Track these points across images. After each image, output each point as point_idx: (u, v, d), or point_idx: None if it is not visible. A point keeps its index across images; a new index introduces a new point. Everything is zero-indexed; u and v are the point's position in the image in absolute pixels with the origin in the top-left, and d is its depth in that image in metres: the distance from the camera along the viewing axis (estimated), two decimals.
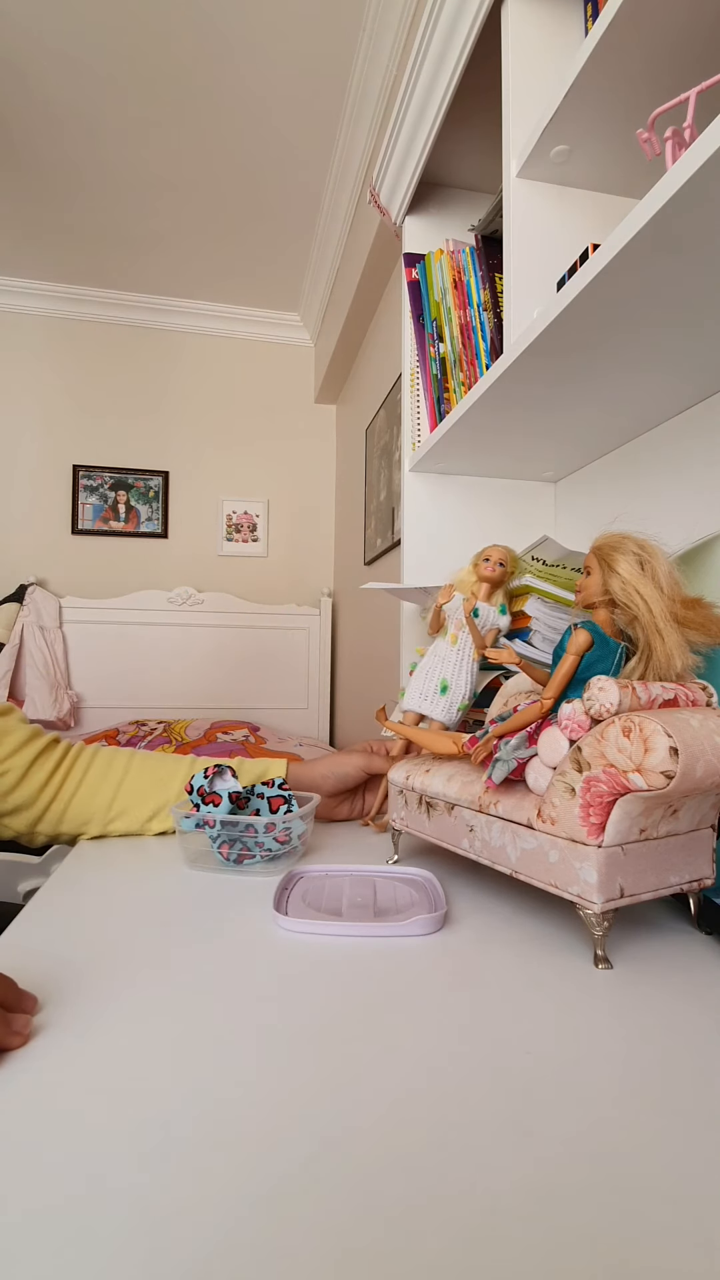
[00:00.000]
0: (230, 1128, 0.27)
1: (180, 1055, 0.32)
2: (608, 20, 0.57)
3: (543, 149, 0.70)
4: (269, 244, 2.72)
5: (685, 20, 0.56)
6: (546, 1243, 0.22)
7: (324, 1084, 0.30)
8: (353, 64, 1.92)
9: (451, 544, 1.06)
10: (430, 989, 0.39)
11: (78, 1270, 0.21)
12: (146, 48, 1.86)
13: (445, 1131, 0.27)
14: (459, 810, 0.53)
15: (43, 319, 3.06)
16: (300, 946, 0.45)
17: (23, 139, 2.18)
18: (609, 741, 0.40)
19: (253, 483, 3.24)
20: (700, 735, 0.39)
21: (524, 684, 0.63)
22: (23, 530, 3.00)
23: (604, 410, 0.80)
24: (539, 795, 0.46)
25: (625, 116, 0.66)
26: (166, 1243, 0.22)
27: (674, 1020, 0.36)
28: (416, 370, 1.05)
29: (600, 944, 0.42)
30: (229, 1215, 0.23)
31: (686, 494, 0.79)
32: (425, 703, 0.67)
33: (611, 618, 0.48)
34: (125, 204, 2.49)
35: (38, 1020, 0.35)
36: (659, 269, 0.53)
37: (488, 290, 0.89)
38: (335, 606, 3.20)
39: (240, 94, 2.01)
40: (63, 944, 0.45)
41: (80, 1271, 0.21)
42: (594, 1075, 0.31)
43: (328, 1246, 0.22)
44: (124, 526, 3.07)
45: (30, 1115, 0.28)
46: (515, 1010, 0.37)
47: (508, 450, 0.95)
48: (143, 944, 0.45)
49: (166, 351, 3.17)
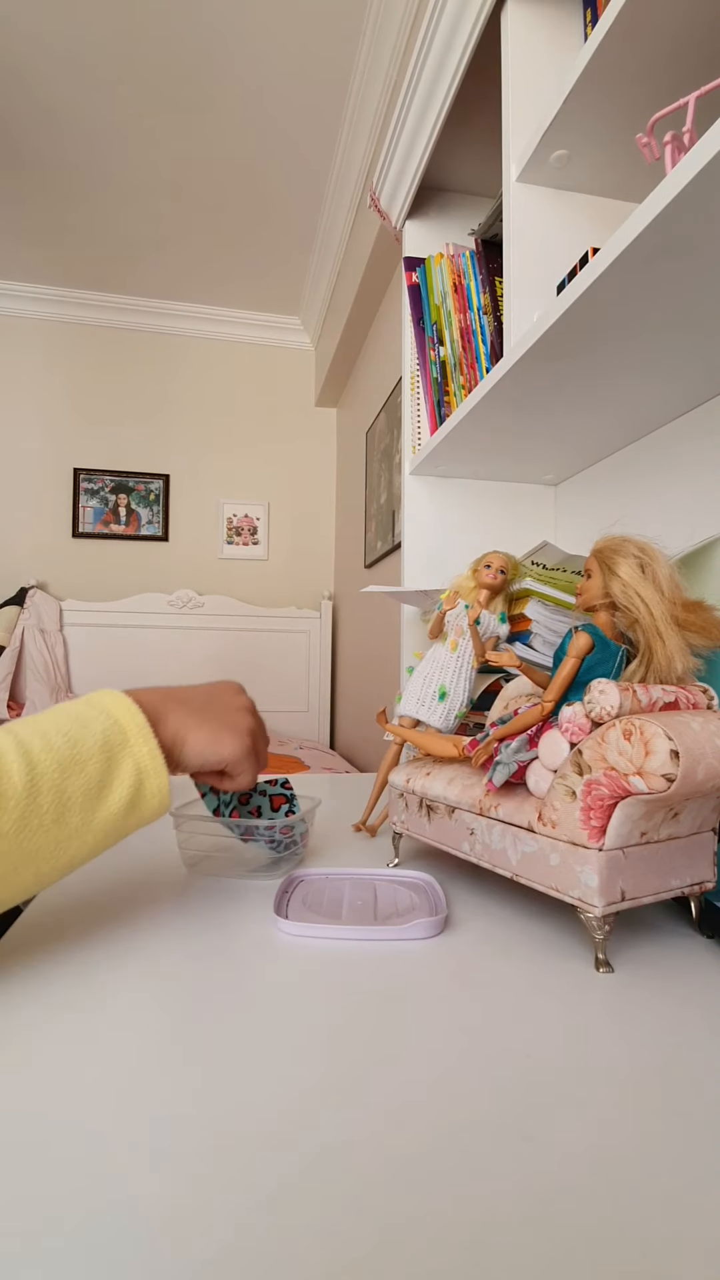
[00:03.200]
0: (230, 1132, 0.27)
1: (180, 1059, 0.32)
2: (607, 25, 0.57)
3: (543, 153, 0.70)
4: (270, 248, 2.72)
5: (684, 25, 0.57)
6: (548, 1248, 0.22)
7: (324, 1088, 0.30)
8: (353, 69, 1.93)
9: (452, 547, 1.06)
10: (431, 992, 0.39)
11: (77, 1272, 0.21)
12: (149, 54, 1.87)
13: (446, 1135, 0.27)
14: (459, 813, 0.53)
15: (44, 323, 3.07)
16: (301, 950, 0.44)
17: (25, 143, 2.19)
18: (610, 744, 0.40)
19: (253, 486, 3.25)
20: (701, 738, 0.39)
21: (524, 687, 0.63)
22: (23, 533, 3.00)
23: (604, 413, 0.80)
24: (540, 798, 0.46)
25: (625, 121, 0.66)
26: (168, 1247, 0.22)
27: (675, 1024, 0.36)
28: (417, 373, 1.05)
29: (601, 947, 0.42)
30: (229, 1221, 0.23)
31: (687, 497, 0.79)
32: (423, 708, 0.67)
33: (612, 620, 0.48)
34: (127, 208, 2.50)
35: (37, 1019, 0.35)
36: (659, 273, 0.53)
37: (488, 294, 0.89)
38: (335, 609, 3.20)
39: (242, 98, 2.02)
40: (63, 946, 0.45)
41: (80, 1274, 0.21)
42: (595, 1079, 0.31)
43: (329, 1252, 0.22)
44: (124, 529, 3.07)
45: (31, 1118, 0.28)
46: (516, 1014, 0.37)
47: (508, 453, 0.95)
48: (143, 947, 0.45)
49: (167, 355, 3.18)
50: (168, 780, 0.46)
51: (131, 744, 0.45)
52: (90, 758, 0.43)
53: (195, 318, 3.16)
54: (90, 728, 0.44)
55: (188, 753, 0.49)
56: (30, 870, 0.40)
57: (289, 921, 0.47)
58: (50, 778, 0.40)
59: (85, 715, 0.44)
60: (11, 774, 0.38)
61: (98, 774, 0.43)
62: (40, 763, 0.40)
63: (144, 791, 0.45)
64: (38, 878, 0.40)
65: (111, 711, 0.45)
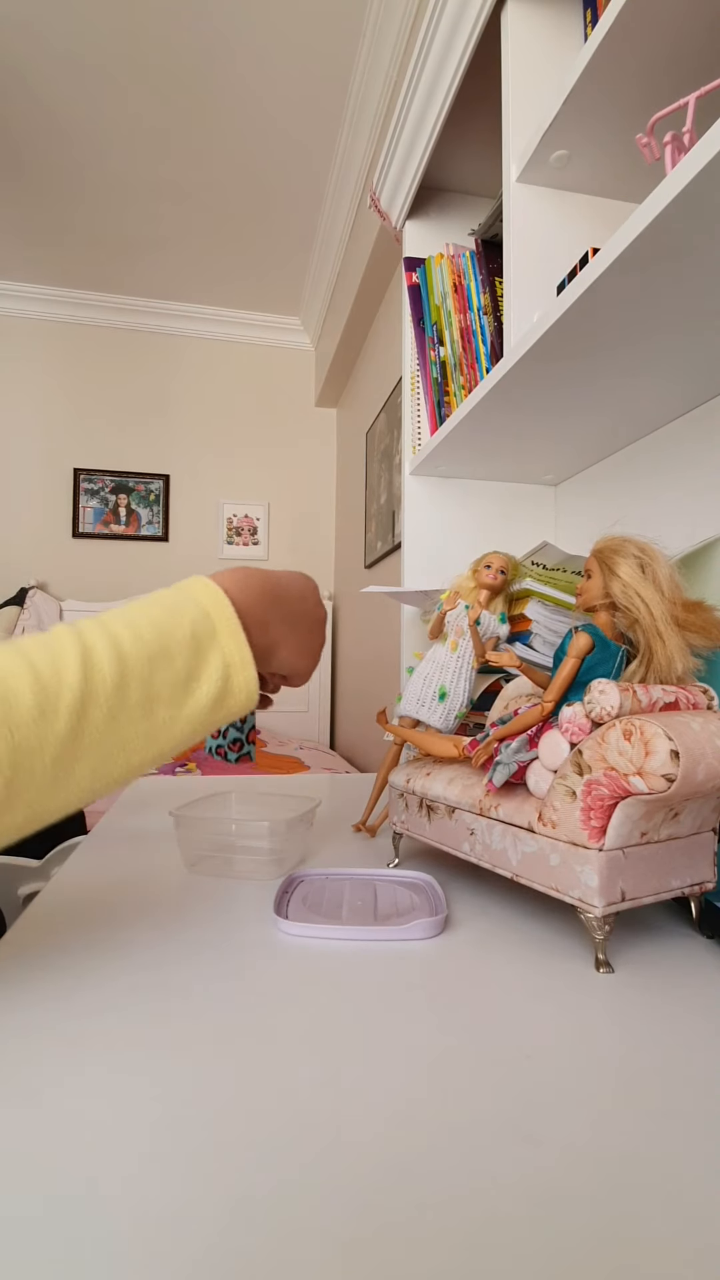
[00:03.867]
0: (229, 1131, 0.27)
1: (180, 1058, 0.32)
2: (607, 25, 0.57)
3: (543, 154, 0.70)
4: (270, 248, 2.72)
5: (684, 25, 0.57)
6: (548, 1247, 0.22)
7: (324, 1088, 0.30)
8: (353, 69, 1.93)
9: (452, 547, 1.06)
10: (431, 992, 0.39)
11: (77, 1273, 0.21)
12: (150, 54, 1.87)
13: (446, 1135, 0.27)
14: (460, 813, 0.53)
15: (44, 323, 3.07)
16: (301, 950, 0.44)
17: (25, 142, 2.19)
18: (610, 745, 0.40)
19: (253, 486, 3.25)
20: (701, 738, 0.39)
21: (525, 687, 0.63)
22: (23, 534, 3.00)
23: (604, 414, 0.80)
24: (540, 798, 0.46)
25: (625, 121, 0.66)
26: (166, 1246, 0.22)
27: (675, 1024, 0.36)
28: (417, 374, 1.05)
29: (601, 947, 0.42)
30: (228, 1220, 0.23)
31: (687, 497, 0.79)
32: (423, 709, 0.67)
33: (612, 621, 0.48)
34: (127, 208, 2.50)
35: (37, 1020, 0.35)
36: (659, 273, 0.53)
37: (488, 294, 0.89)
38: (336, 609, 3.20)
39: (243, 98, 2.02)
40: (63, 946, 0.45)
41: (79, 1274, 0.21)
42: (595, 1079, 0.31)
43: (328, 1251, 0.22)
44: (125, 530, 3.07)
45: (29, 1118, 0.28)
46: (516, 1014, 0.37)
47: (508, 453, 0.95)
48: (143, 947, 0.45)
49: (167, 355, 3.18)
50: (255, 674, 0.45)
51: (220, 637, 0.44)
52: (179, 651, 0.42)
53: (195, 318, 3.16)
54: (180, 617, 0.43)
55: (276, 661, 0.50)
56: (120, 760, 0.40)
57: (289, 921, 0.47)
58: (139, 672, 0.40)
59: (176, 604, 0.44)
60: (102, 667, 0.39)
61: (185, 667, 0.42)
62: (130, 656, 0.40)
63: (231, 686, 0.44)
64: (128, 769, 0.41)
65: (201, 602, 0.45)
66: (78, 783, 0.39)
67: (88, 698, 0.38)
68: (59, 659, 0.38)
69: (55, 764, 0.37)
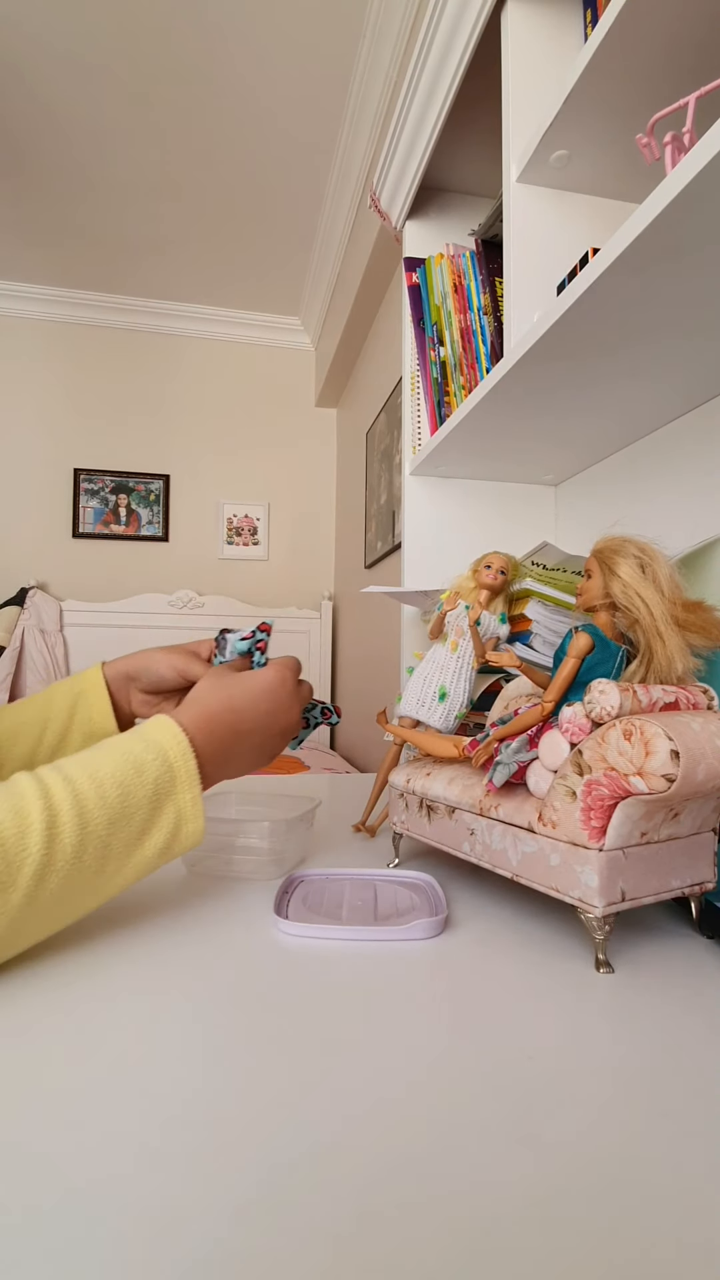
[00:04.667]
0: (228, 1131, 0.27)
1: (179, 1058, 0.32)
2: (607, 26, 0.57)
3: (543, 154, 0.70)
4: (270, 248, 2.72)
5: (684, 25, 0.57)
6: (548, 1247, 0.22)
7: (324, 1087, 0.30)
8: (354, 69, 1.93)
9: (452, 547, 1.06)
10: (431, 993, 0.39)
11: (75, 1272, 0.21)
12: (150, 54, 1.87)
13: (445, 1136, 0.27)
14: (460, 814, 0.53)
15: (44, 323, 3.07)
16: (300, 950, 0.44)
17: (26, 142, 2.19)
18: (610, 745, 0.40)
19: (253, 486, 3.25)
20: (701, 738, 0.39)
21: (525, 687, 0.63)
22: (23, 533, 3.00)
23: (604, 414, 0.80)
24: (540, 798, 0.46)
25: (625, 121, 0.66)
26: (164, 1244, 0.22)
27: (675, 1024, 0.36)
28: (417, 374, 1.05)
29: (601, 948, 0.42)
30: (226, 1219, 0.23)
31: (687, 497, 0.79)
32: (423, 709, 0.67)
33: (612, 621, 0.48)
34: (127, 208, 2.50)
35: (36, 1020, 0.35)
36: (659, 273, 0.53)
37: (488, 294, 0.89)
38: (336, 609, 3.20)
39: (243, 97, 2.02)
40: (63, 945, 0.44)
41: (78, 1273, 0.21)
42: (595, 1079, 0.31)
43: (325, 1251, 0.22)
44: (125, 530, 3.07)
45: (28, 1117, 0.28)
46: (516, 1014, 0.37)
47: (508, 454, 0.95)
48: (142, 947, 0.45)
49: (167, 355, 3.18)
50: (202, 824, 0.47)
51: (178, 790, 0.46)
52: (138, 810, 0.44)
53: (195, 318, 3.16)
54: (144, 774, 0.45)
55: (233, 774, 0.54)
56: (64, 916, 0.42)
57: (289, 921, 0.47)
58: (98, 835, 0.42)
59: (141, 759, 0.45)
60: (64, 836, 0.40)
61: (141, 824, 0.44)
62: (92, 820, 0.41)
63: (179, 834, 0.46)
64: (69, 919, 0.43)
65: (167, 755, 0.46)
66: (24, 940, 0.41)
67: (46, 867, 0.39)
68: (24, 822, 0.39)
69: (8, 929, 0.39)
